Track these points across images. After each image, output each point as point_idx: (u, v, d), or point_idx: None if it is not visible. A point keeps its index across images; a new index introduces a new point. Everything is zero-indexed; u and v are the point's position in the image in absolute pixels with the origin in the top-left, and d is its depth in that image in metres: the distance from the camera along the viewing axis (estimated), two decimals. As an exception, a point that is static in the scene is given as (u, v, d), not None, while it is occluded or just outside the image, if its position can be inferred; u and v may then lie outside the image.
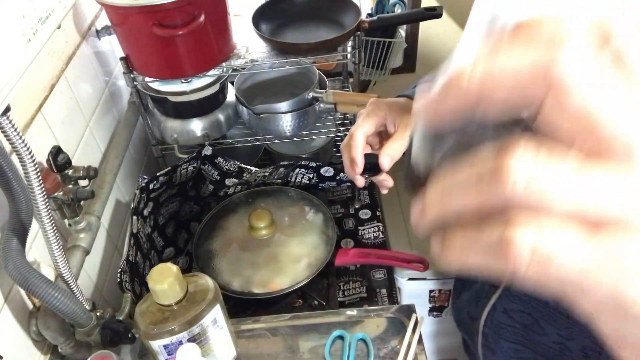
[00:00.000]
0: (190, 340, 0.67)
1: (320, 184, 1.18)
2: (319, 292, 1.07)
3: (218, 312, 0.69)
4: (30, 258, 0.68)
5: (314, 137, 1.21)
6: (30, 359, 0.73)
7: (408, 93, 0.69)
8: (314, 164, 1.10)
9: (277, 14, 1.09)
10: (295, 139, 1.20)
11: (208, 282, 0.70)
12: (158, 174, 0.96)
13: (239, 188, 1.17)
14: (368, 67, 1.44)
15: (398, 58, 1.50)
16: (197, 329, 0.66)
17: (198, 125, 1.10)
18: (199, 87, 1.05)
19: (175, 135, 1.10)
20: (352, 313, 0.83)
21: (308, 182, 1.15)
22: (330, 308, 1.04)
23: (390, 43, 1.39)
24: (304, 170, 1.11)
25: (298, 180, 1.15)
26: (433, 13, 1.03)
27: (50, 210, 0.63)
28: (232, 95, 1.16)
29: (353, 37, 1.00)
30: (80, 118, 0.94)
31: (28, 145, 0.57)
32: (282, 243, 1.04)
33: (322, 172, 1.12)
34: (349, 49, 1.03)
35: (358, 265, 1.18)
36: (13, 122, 0.55)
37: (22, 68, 0.75)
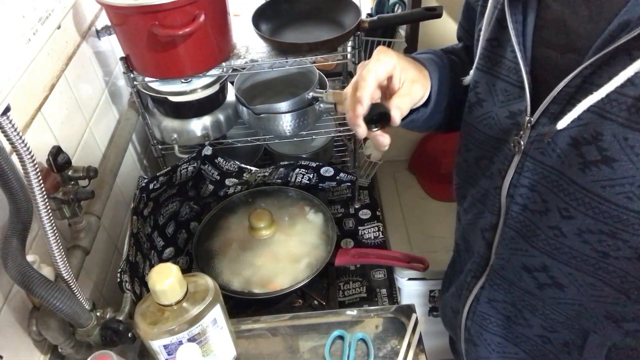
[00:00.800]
0: (190, 340, 0.67)
1: (320, 184, 1.18)
2: (319, 292, 1.07)
3: (218, 312, 0.69)
4: (30, 258, 0.68)
5: (314, 137, 1.21)
6: (30, 359, 0.73)
7: (412, 55, 0.67)
8: (314, 164, 1.10)
9: (277, 14, 1.09)
10: (295, 139, 1.20)
11: (208, 282, 0.70)
12: (158, 174, 0.96)
13: (239, 188, 1.17)
14: (368, 67, 1.44)
15: (398, 58, 1.50)
16: (197, 329, 0.66)
17: (198, 125, 1.10)
18: (199, 87, 1.05)
19: (175, 135, 1.10)
20: (352, 313, 0.83)
21: (308, 182, 1.15)
22: (330, 308, 1.04)
23: (390, 43, 1.39)
24: (304, 170, 1.11)
25: (298, 180, 1.15)
26: (433, 13, 1.03)
27: (50, 210, 0.63)
28: (232, 95, 1.16)
29: (353, 37, 1.00)
30: (80, 118, 0.94)
31: (28, 145, 0.57)
32: (282, 243, 1.04)
33: (322, 172, 1.12)
34: (349, 49, 1.03)
35: (358, 265, 1.18)
36: (13, 122, 0.55)
37: (22, 68, 0.75)
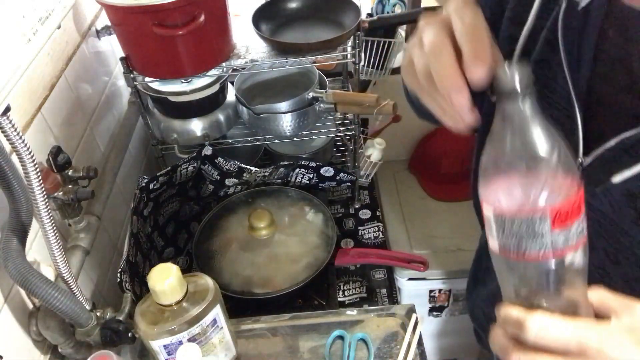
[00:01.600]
0: (190, 340, 0.67)
1: (320, 184, 1.18)
2: (319, 292, 1.07)
3: (218, 312, 0.69)
4: (30, 258, 0.68)
5: (314, 137, 1.21)
6: (30, 359, 0.73)
7: None
8: (314, 164, 1.10)
9: (277, 14, 1.08)
10: (295, 139, 1.20)
11: (208, 282, 0.70)
12: (158, 174, 0.96)
13: (239, 188, 1.17)
14: (368, 67, 1.44)
15: (398, 58, 1.50)
16: (197, 329, 0.66)
17: (198, 125, 1.10)
18: (199, 87, 1.05)
19: (175, 135, 1.10)
20: (352, 313, 0.83)
21: (308, 182, 1.15)
22: (330, 308, 1.04)
23: (390, 43, 1.39)
24: (304, 170, 1.11)
25: (298, 180, 1.15)
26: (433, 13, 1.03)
27: (50, 210, 0.63)
28: (232, 95, 1.16)
29: (353, 37, 1.00)
30: (80, 118, 0.94)
31: (28, 145, 0.57)
32: (282, 243, 1.04)
33: (322, 172, 1.12)
34: (349, 49, 1.03)
35: (358, 265, 1.18)
36: (13, 122, 0.55)
37: (22, 68, 0.75)
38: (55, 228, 0.64)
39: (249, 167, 1.07)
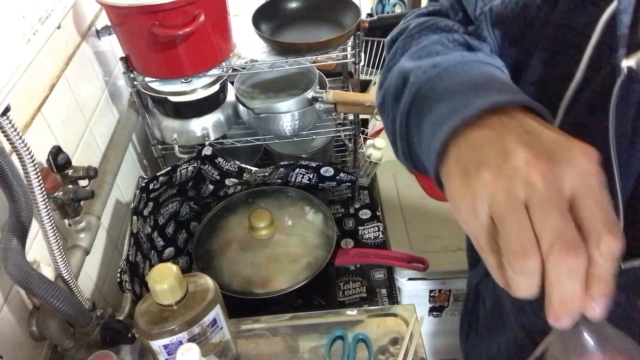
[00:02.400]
0: (190, 340, 0.67)
1: (320, 184, 1.18)
2: (319, 292, 1.07)
3: (218, 312, 0.69)
4: (30, 258, 0.68)
5: (314, 137, 1.21)
6: (30, 359, 0.73)
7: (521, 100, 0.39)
8: (314, 164, 1.10)
9: (277, 14, 1.09)
10: (295, 139, 1.20)
11: (208, 282, 0.70)
12: (158, 174, 0.96)
13: (239, 188, 1.17)
14: (368, 67, 1.44)
15: (398, 58, 1.50)
16: (197, 329, 0.66)
17: (198, 125, 1.10)
18: (199, 87, 1.05)
19: (175, 135, 1.10)
20: (352, 313, 0.83)
21: (308, 182, 1.15)
22: (330, 308, 1.04)
23: (390, 43, 1.39)
24: (304, 170, 1.11)
25: (298, 180, 1.15)
26: (433, 13, 1.03)
27: (50, 210, 0.63)
28: (232, 95, 1.16)
29: (353, 37, 1.00)
30: (80, 118, 0.94)
31: (28, 145, 0.57)
32: (282, 243, 1.04)
33: (322, 172, 1.12)
34: (349, 49, 1.03)
35: (358, 265, 1.18)
36: (13, 122, 0.55)
37: (22, 68, 0.75)
38: (55, 228, 0.64)
39: (249, 167, 1.07)
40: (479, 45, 0.48)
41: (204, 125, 1.11)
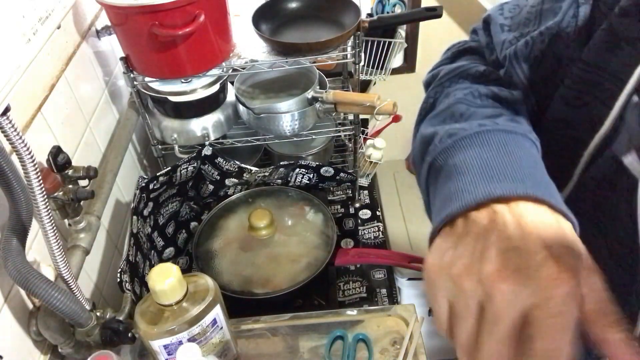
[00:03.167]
0: (190, 340, 0.67)
1: (320, 184, 1.18)
2: (319, 292, 1.07)
3: (218, 312, 0.69)
4: (30, 258, 0.68)
5: (314, 137, 1.21)
6: (30, 359, 0.73)
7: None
8: (314, 164, 1.10)
9: (277, 14, 1.09)
10: (295, 139, 1.20)
11: (208, 282, 0.70)
12: (158, 174, 0.96)
13: (239, 188, 1.17)
14: (368, 67, 1.44)
15: (398, 58, 1.50)
16: (197, 329, 0.66)
17: (198, 125, 1.10)
18: (199, 87, 1.05)
19: (175, 135, 1.10)
20: (352, 313, 0.83)
21: (308, 182, 1.15)
22: (330, 308, 1.04)
23: (390, 43, 1.39)
24: (304, 170, 1.11)
25: (298, 180, 1.15)
26: (433, 13, 1.03)
27: (50, 210, 0.63)
28: (232, 95, 1.16)
29: (353, 37, 1.00)
30: (80, 118, 0.94)
31: (28, 145, 0.57)
32: (282, 243, 1.04)
33: (322, 172, 1.12)
34: (349, 49, 1.03)
35: (358, 265, 1.18)
36: (13, 122, 0.55)
37: (22, 68, 0.75)
38: (55, 228, 0.64)
39: (249, 167, 1.07)
40: (508, 95, 0.47)
41: (204, 125, 1.11)
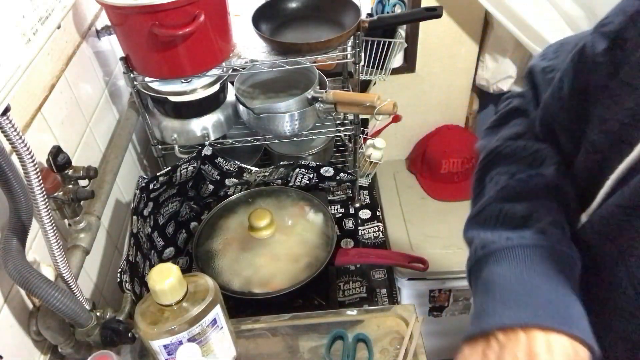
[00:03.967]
0: (190, 340, 0.67)
1: (320, 184, 1.18)
2: (319, 292, 1.07)
3: (218, 312, 0.69)
4: (30, 258, 0.68)
5: (314, 137, 1.21)
6: (30, 359, 0.73)
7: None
8: (314, 164, 1.10)
9: (277, 14, 1.08)
10: (295, 139, 1.20)
11: (208, 282, 0.70)
12: (158, 174, 0.96)
13: (239, 188, 1.17)
14: (368, 67, 1.44)
15: (398, 58, 1.50)
16: (197, 329, 0.66)
17: (198, 125, 1.10)
18: (199, 87, 1.05)
19: (175, 135, 1.10)
20: (352, 313, 0.83)
21: (308, 182, 1.15)
22: (330, 308, 1.04)
23: (390, 43, 1.39)
24: (304, 170, 1.11)
25: (298, 180, 1.15)
26: (433, 13, 1.03)
27: (50, 210, 0.63)
28: (232, 95, 1.16)
29: (353, 37, 1.00)
30: (80, 118, 0.94)
31: (28, 145, 0.57)
32: (282, 243, 1.04)
33: (322, 172, 1.12)
34: (349, 49, 1.03)
35: (358, 265, 1.18)
36: (13, 122, 0.55)
37: (22, 68, 0.75)
38: (55, 228, 0.64)
39: (249, 167, 1.07)
40: (539, 179, 0.49)
41: (204, 125, 1.11)
